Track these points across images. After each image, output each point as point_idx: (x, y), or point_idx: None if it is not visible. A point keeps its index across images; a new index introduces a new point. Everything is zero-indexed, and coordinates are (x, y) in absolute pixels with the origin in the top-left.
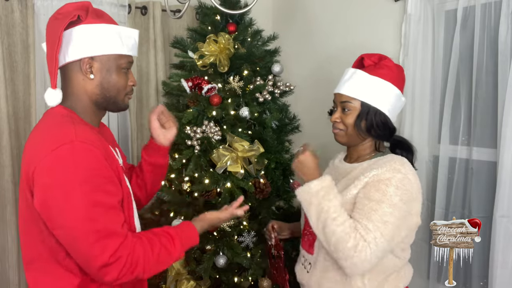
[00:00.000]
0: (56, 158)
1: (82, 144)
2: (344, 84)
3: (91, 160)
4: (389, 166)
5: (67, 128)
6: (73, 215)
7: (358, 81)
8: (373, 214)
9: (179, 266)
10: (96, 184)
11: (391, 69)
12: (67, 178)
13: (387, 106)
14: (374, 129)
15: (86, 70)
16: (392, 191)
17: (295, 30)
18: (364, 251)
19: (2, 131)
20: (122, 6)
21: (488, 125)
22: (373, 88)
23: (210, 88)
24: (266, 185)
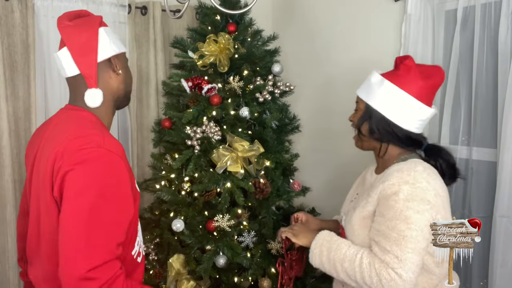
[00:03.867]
0: (82, 158)
1: (109, 153)
2: (362, 84)
3: (114, 170)
4: (394, 179)
5: (97, 134)
6: (76, 214)
7: (370, 82)
8: (389, 233)
9: (179, 266)
10: (110, 195)
11: (407, 71)
12: (85, 180)
13: (393, 111)
14: (376, 132)
15: (116, 67)
16: (401, 206)
17: (295, 30)
18: (386, 274)
19: (2, 131)
20: (122, 6)
21: (488, 125)
22: (380, 90)
23: (210, 88)
24: (266, 185)
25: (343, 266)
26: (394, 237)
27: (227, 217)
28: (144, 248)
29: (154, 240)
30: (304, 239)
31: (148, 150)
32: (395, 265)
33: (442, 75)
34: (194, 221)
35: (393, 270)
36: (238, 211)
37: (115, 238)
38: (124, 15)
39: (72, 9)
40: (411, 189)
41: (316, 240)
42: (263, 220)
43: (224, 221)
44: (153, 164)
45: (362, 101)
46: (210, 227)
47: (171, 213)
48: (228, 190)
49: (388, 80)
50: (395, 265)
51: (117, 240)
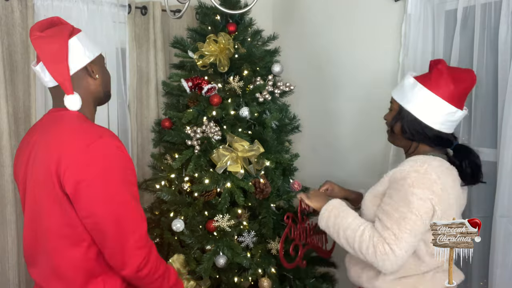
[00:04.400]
0: (93, 153)
1: (112, 140)
2: (397, 85)
3: (122, 155)
4: (407, 166)
5: (93, 126)
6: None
7: (404, 84)
8: (392, 212)
9: (179, 266)
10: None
11: (439, 75)
12: (106, 170)
13: (425, 114)
14: (407, 132)
15: (93, 73)
16: (407, 190)
17: (295, 30)
18: (381, 247)
19: (2, 131)
20: (122, 6)
21: (488, 125)
22: (413, 93)
23: (210, 88)
24: (266, 185)
25: (345, 233)
26: (396, 217)
27: (227, 217)
28: None
29: (154, 240)
30: (316, 203)
31: (148, 150)
32: (391, 241)
33: (473, 79)
34: (194, 221)
35: (388, 245)
36: (238, 211)
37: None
38: (124, 15)
39: (72, 9)
40: (419, 176)
41: (327, 205)
42: (263, 220)
43: (224, 221)
44: (153, 164)
45: (395, 102)
46: (210, 227)
47: (171, 213)
48: (228, 190)
49: (420, 83)
50: (391, 241)
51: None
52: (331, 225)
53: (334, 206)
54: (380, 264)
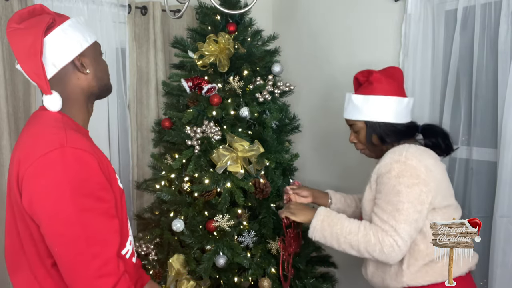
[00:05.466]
0: (45, 164)
1: (73, 150)
2: (346, 109)
3: (82, 165)
4: (388, 159)
5: (58, 133)
6: (63, 221)
7: (355, 103)
8: (386, 206)
9: (179, 266)
10: (86, 190)
11: (379, 81)
12: (55, 184)
13: (389, 115)
14: (386, 138)
15: (81, 67)
16: (394, 181)
17: (295, 30)
18: (387, 239)
19: (2, 131)
20: (122, 6)
21: (488, 125)
22: (369, 105)
23: (210, 88)
24: (266, 185)
25: (347, 239)
26: (390, 209)
27: (227, 217)
28: (144, 248)
29: (154, 240)
30: (302, 217)
31: (148, 150)
32: (392, 233)
33: (399, 70)
34: (194, 221)
35: (391, 237)
36: (238, 211)
37: (109, 227)
38: (124, 15)
39: (72, 10)
40: (402, 166)
41: (317, 216)
42: (263, 220)
43: (224, 221)
44: (153, 164)
45: (359, 122)
46: (210, 227)
47: (171, 213)
48: (228, 190)
49: (370, 94)
50: (392, 233)
51: (112, 228)
52: (327, 235)
53: (324, 215)
54: (388, 257)
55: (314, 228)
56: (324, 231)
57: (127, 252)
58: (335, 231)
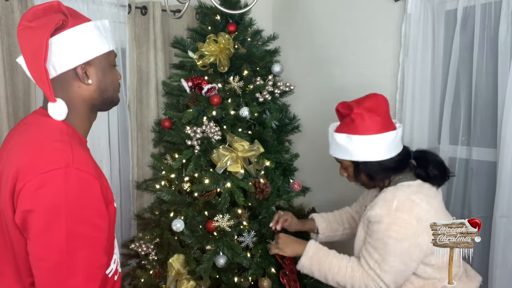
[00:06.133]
0: (47, 182)
1: (78, 172)
2: (331, 145)
3: (85, 190)
4: (378, 209)
5: (64, 150)
6: (51, 246)
7: (339, 143)
8: (374, 252)
9: (179, 266)
10: (84, 217)
11: (361, 118)
12: (53, 205)
13: (375, 154)
14: (376, 176)
15: (83, 77)
16: (382, 234)
17: (295, 30)
18: (373, 285)
19: (2, 131)
20: (122, 6)
21: (488, 125)
22: (352, 145)
23: (210, 88)
24: (266, 185)
25: (334, 277)
26: (376, 258)
27: (227, 217)
28: (144, 248)
29: (154, 240)
30: (290, 251)
31: (148, 150)
32: (377, 279)
33: (383, 99)
34: (194, 221)
35: (376, 283)
36: (238, 211)
37: (96, 260)
38: (124, 15)
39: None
40: (391, 220)
41: (306, 254)
42: (263, 220)
43: (224, 221)
44: (153, 164)
45: (344, 160)
46: (210, 227)
47: (171, 213)
48: (228, 190)
49: (353, 134)
50: (377, 280)
51: (98, 262)
52: (315, 272)
53: (313, 253)
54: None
55: (302, 265)
56: (313, 267)
57: (111, 271)
58: (323, 269)
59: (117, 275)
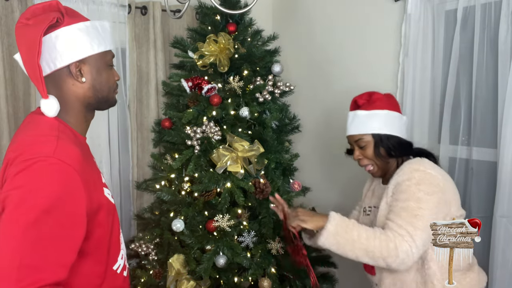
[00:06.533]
0: (23, 169)
1: (58, 162)
2: (350, 126)
3: (61, 180)
4: (407, 169)
5: (49, 142)
6: (10, 228)
7: (361, 119)
8: (402, 212)
9: (179, 266)
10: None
11: (381, 100)
12: (25, 191)
13: (394, 128)
14: (393, 150)
15: (76, 75)
16: (414, 189)
17: (295, 30)
18: (403, 245)
19: (2, 131)
20: (122, 6)
21: (488, 125)
22: (375, 119)
23: (210, 88)
24: (266, 185)
25: (363, 244)
26: (406, 216)
27: (227, 217)
28: (144, 248)
29: (154, 240)
30: (313, 223)
31: (148, 150)
32: (408, 239)
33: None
34: (194, 221)
35: (407, 243)
36: (238, 211)
37: (57, 258)
38: (124, 15)
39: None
40: (422, 174)
41: (331, 221)
42: (263, 220)
43: (224, 221)
44: (153, 164)
45: (366, 135)
46: (210, 227)
47: (171, 213)
48: (228, 190)
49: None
50: (408, 239)
51: (60, 261)
52: (342, 241)
53: (338, 220)
54: (401, 263)
55: (328, 233)
56: (338, 236)
57: (119, 266)
58: (351, 237)
59: (126, 270)
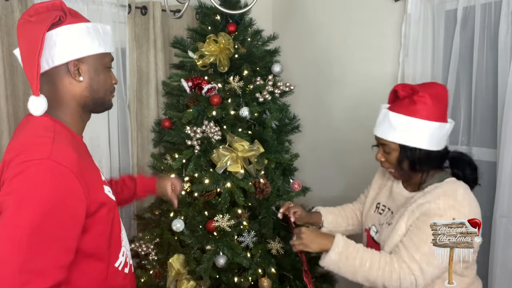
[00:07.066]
0: (20, 172)
1: (54, 163)
2: (379, 126)
3: (58, 182)
4: (441, 202)
5: (44, 143)
6: (10, 235)
7: (392, 123)
8: (422, 245)
9: (179, 266)
10: (52, 210)
11: (426, 103)
12: (21, 194)
13: (426, 141)
14: (418, 164)
15: (74, 73)
16: None
17: (295, 30)
18: (408, 277)
19: (2, 131)
20: (122, 6)
21: (488, 125)
22: (407, 128)
23: (210, 88)
24: (266, 185)
25: (365, 272)
26: (425, 251)
27: (227, 217)
28: (144, 248)
29: (154, 240)
30: (316, 247)
31: (148, 150)
32: (417, 273)
33: (445, 89)
34: (194, 221)
35: (414, 277)
36: (238, 211)
37: (55, 260)
38: (124, 15)
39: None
40: (455, 214)
41: (335, 248)
42: (263, 220)
43: (224, 221)
44: (153, 164)
45: (393, 143)
46: (210, 227)
47: (171, 213)
48: (228, 190)
49: (411, 116)
50: (417, 273)
51: (58, 263)
52: (343, 267)
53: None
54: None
55: (330, 259)
56: (340, 263)
57: (120, 263)
58: (353, 264)
59: (128, 267)
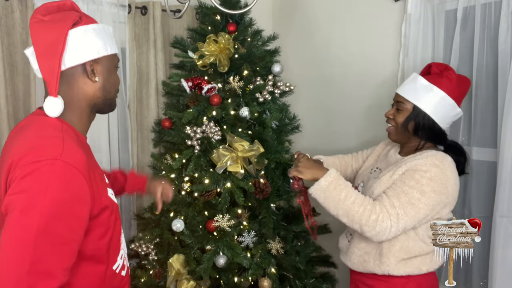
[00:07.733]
0: (31, 172)
1: (65, 165)
2: (404, 85)
3: (69, 184)
4: (429, 160)
5: (55, 144)
6: (17, 237)
7: (416, 85)
8: (402, 195)
9: (179, 266)
10: (62, 213)
11: (451, 80)
12: (32, 195)
13: (437, 113)
14: (420, 130)
15: (91, 74)
16: (425, 181)
17: (295, 30)
18: (386, 222)
19: (2, 131)
20: (122, 6)
21: (488, 125)
22: (427, 94)
23: (210, 88)
24: (266, 185)
25: (347, 206)
26: (404, 200)
27: (227, 217)
28: (144, 248)
29: (154, 240)
30: (309, 175)
31: (148, 150)
32: (394, 219)
33: (469, 83)
34: (194, 221)
35: (390, 221)
36: (238, 211)
37: (62, 262)
38: (124, 15)
39: None
40: (439, 172)
41: (326, 177)
42: (263, 220)
43: (224, 221)
44: (153, 164)
45: (409, 102)
46: (210, 227)
47: (171, 213)
48: (228, 190)
49: (436, 85)
50: (394, 219)
51: (64, 265)
52: (329, 196)
53: (334, 178)
54: (375, 236)
55: (320, 186)
56: (327, 192)
57: (118, 266)
58: (338, 195)
59: (125, 270)
